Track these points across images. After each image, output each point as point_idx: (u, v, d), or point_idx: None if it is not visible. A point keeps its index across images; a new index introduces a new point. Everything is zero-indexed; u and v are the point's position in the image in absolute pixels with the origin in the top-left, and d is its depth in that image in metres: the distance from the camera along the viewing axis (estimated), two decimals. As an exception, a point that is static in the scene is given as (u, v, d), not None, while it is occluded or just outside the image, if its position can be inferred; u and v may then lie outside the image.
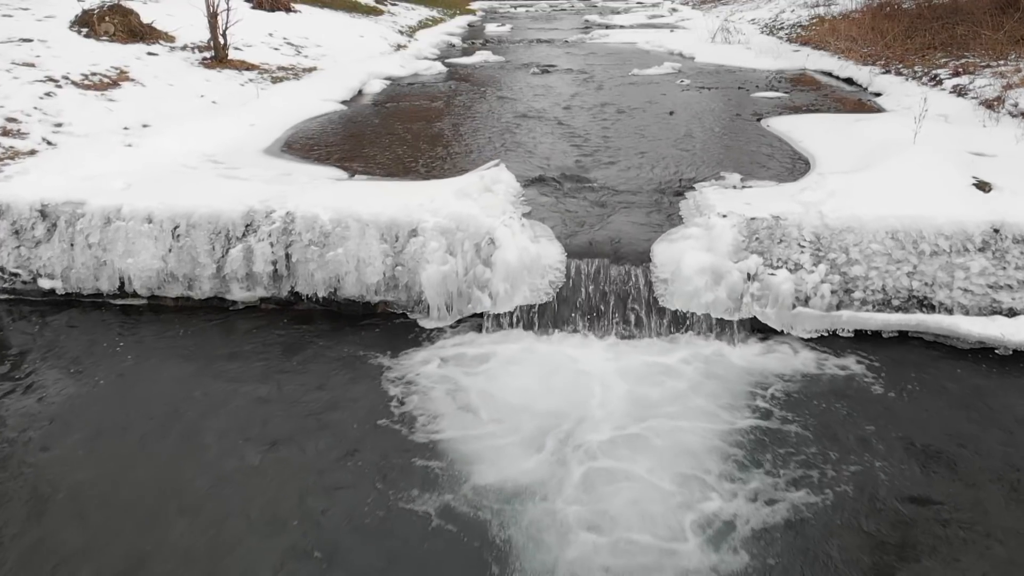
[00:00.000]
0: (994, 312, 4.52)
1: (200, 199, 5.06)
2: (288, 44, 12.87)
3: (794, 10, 18.28)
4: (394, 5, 22.14)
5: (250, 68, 10.53)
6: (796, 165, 6.46)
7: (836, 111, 8.75)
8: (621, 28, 20.95)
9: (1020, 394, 3.96)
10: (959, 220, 4.63)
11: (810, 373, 4.16)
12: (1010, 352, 4.32)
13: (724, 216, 4.79)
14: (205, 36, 10.61)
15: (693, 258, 4.56)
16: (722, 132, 7.90)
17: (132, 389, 4.09)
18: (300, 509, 3.19)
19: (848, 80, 10.96)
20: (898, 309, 4.56)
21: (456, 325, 4.68)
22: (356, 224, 4.80)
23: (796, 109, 8.94)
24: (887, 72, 10.42)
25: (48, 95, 7.50)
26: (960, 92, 8.66)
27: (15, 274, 5.11)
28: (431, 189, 5.25)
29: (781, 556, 2.91)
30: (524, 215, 5.28)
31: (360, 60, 12.79)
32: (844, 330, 4.54)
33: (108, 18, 10.13)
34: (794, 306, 4.51)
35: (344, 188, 5.55)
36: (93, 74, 8.44)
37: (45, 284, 5.09)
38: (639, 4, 32.54)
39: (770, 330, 4.54)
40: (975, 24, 10.63)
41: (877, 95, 9.69)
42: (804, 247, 4.61)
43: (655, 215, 5.40)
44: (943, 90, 8.95)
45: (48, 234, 5.08)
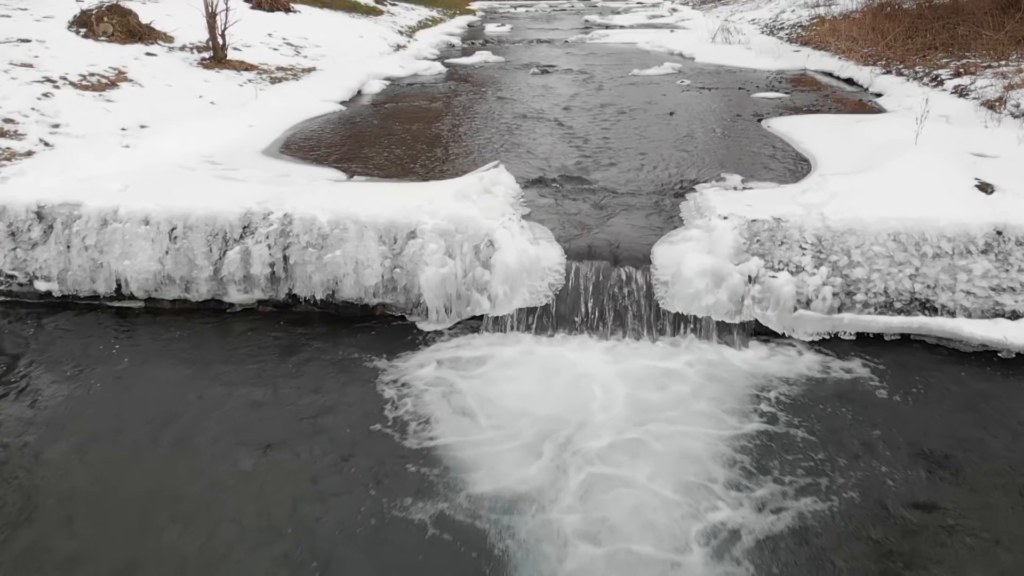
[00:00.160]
0: (997, 315, 4.48)
1: (197, 201, 5.03)
2: (287, 44, 12.85)
3: (794, 10, 18.26)
4: (394, 5, 22.12)
5: (249, 68, 10.50)
6: (797, 166, 6.43)
7: (837, 112, 8.72)
8: (621, 28, 20.92)
9: (1024, 398, 3.94)
10: (962, 222, 4.59)
11: (812, 376, 4.13)
12: (1013, 355, 4.29)
13: (725, 218, 4.75)
14: (204, 36, 10.58)
15: (694, 260, 4.53)
16: (722, 133, 7.86)
17: (127, 392, 4.06)
18: (293, 516, 3.16)
19: (849, 80, 10.94)
20: (900, 312, 4.52)
21: (455, 328, 4.65)
22: (354, 226, 4.77)
23: (797, 110, 8.91)
24: (888, 72, 10.39)
25: (46, 96, 7.47)
26: (961, 93, 8.63)
27: (11, 276, 5.08)
28: (430, 191, 5.21)
29: (788, 567, 2.87)
30: (524, 217, 5.24)
31: (359, 60, 12.76)
32: (846, 333, 4.50)
33: (106, 18, 10.10)
34: (795, 309, 4.48)
35: (342, 189, 5.52)
36: (91, 75, 8.41)
37: (41, 286, 5.06)
38: (639, 4, 32.52)
39: (771, 333, 4.50)
40: (976, 24, 10.60)
41: (878, 96, 9.66)
42: (805, 249, 4.58)
43: (655, 217, 5.36)
44: (944, 91, 8.92)
45: (44, 236, 5.04)
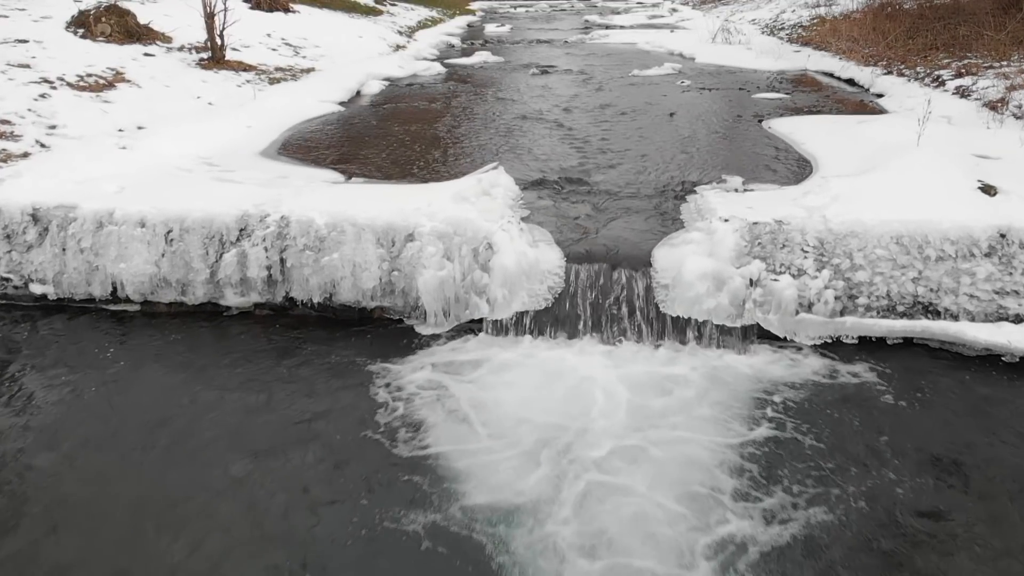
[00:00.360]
0: (1000, 318, 4.44)
1: (194, 203, 4.98)
2: (286, 45, 12.80)
3: (795, 10, 18.21)
4: (393, 5, 22.08)
5: (247, 69, 10.45)
6: (798, 168, 6.38)
7: (838, 112, 8.68)
8: (621, 28, 20.88)
9: (1029, 403, 3.89)
10: (965, 225, 4.55)
11: (816, 381, 4.08)
12: (1017, 359, 4.24)
13: (726, 220, 4.71)
14: (202, 37, 10.54)
15: (694, 263, 4.49)
16: (723, 134, 7.82)
17: (121, 397, 4.01)
18: (285, 526, 3.10)
19: (850, 81, 10.89)
20: (903, 315, 4.48)
21: (453, 331, 4.61)
22: (352, 228, 4.72)
23: (798, 110, 8.87)
24: (889, 73, 10.35)
25: (43, 97, 7.43)
26: (963, 93, 8.59)
27: (6, 279, 5.03)
28: (428, 193, 5.17)
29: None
30: (523, 219, 5.20)
31: (358, 61, 12.72)
32: (848, 336, 4.46)
33: (104, 19, 10.06)
34: (797, 312, 4.44)
35: (340, 191, 5.47)
36: (88, 75, 8.37)
37: (36, 289, 5.02)
38: (639, 4, 32.47)
39: (773, 337, 4.46)
40: (977, 25, 10.55)
41: (879, 96, 9.62)
42: (807, 252, 4.54)
43: (656, 219, 5.32)
44: (946, 91, 8.88)
45: (40, 238, 5.00)
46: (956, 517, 3.12)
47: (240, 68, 10.35)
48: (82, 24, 9.95)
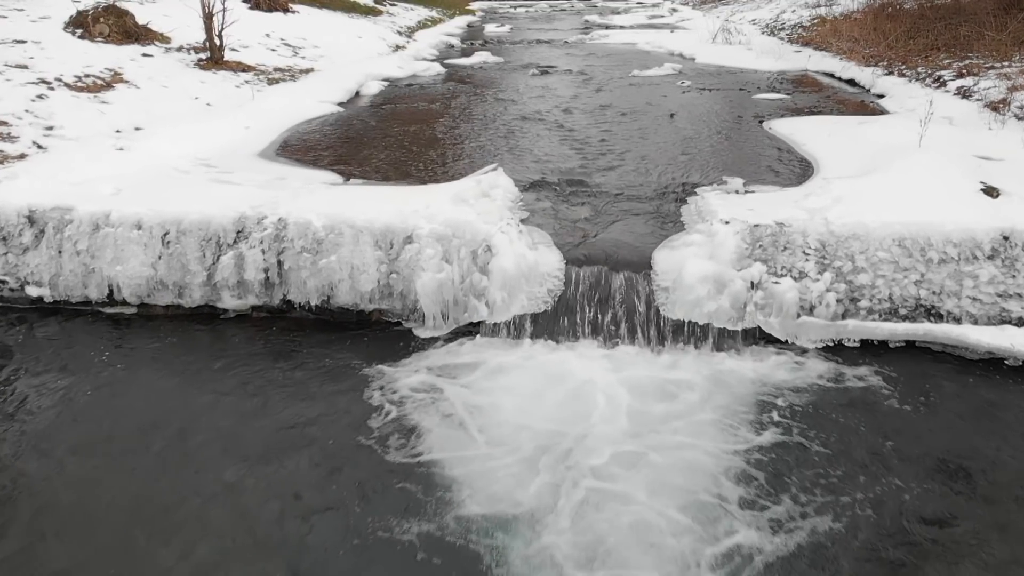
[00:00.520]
0: (1003, 322, 4.41)
1: (191, 205, 4.95)
2: (285, 45, 12.77)
3: (795, 10, 18.18)
4: (393, 5, 22.04)
5: (246, 69, 10.42)
6: (799, 169, 6.35)
7: (839, 113, 8.64)
8: (621, 29, 20.84)
9: (1033, 407, 3.85)
10: (967, 227, 4.51)
11: (818, 385, 4.04)
12: (1020, 363, 4.21)
13: (727, 223, 4.67)
14: (201, 37, 10.51)
15: (695, 266, 4.45)
16: (724, 135, 7.79)
17: (116, 401, 3.98)
18: (278, 533, 3.07)
19: (850, 81, 10.85)
20: (905, 318, 4.44)
21: (452, 334, 4.57)
22: (350, 231, 4.69)
23: (798, 111, 8.83)
24: (890, 73, 10.31)
25: (40, 97, 7.39)
26: (964, 94, 8.56)
27: (2, 281, 5.00)
28: (427, 194, 5.14)
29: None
30: (522, 221, 5.17)
31: (358, 61, 12.68)
32: (850, 340, 4.43)
33: (103, 19, 10.02)
34: (799, 315, 4.40)
35: (338, 193, 5.43)
36: (86, 76, 8.33)
37: (33, 292, 4.98)
38: (639, 4, 32.44)
39: (774, 340, 4.42)
40: (978, 25, 10.52)
41: (880, 97, 9.58)
42: (809, 255, 4.50)
43: (656, 221, 5.29)
44: (947, 92, 8.84)
45: (36, 241, 4.97)
46: (963, 524, 3.08)
47: (239, 68, 10.32)
48: (80, 24, 9.92)
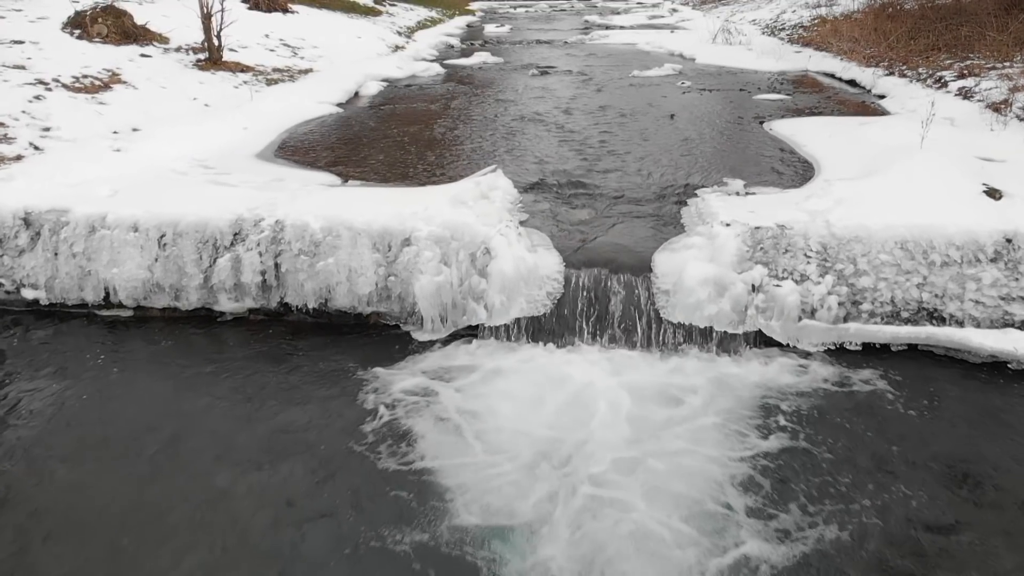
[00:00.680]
0: (1006, 325, 4.37)
1: (187, 206, 4.91)
2: (284, 45, 12.73)
3: (795, 11, 18.14)
4: (392, 6, 22.00)
5: (245, 70, 10.38)
6: (800, 170, 6.31)
7: (840, 114, 8.60)
8: (621, 29, 20.81)
9: (1037, 412, 3.81)
10: (970, 229, 4.48)
11: (820, 389, 4.00)
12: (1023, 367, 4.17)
13: (727, 225, 4.64)
14: (200, 37, 10.47)
15: (696, 269, 4.41)
16: (724, 136, 7.75)
17: (111, 405, 3.94)
18: (270, 541, 3.02)
19: (851, 82, 10.81)
20: (907, 321, 4.41)
21: (450, 338, 4.53)
22: (347, 233, 4.65)
23: (799, 112, 8.80)
24: (891, 74, 10.28)
25: (37, 98, 7.36)
26: (966, 95, 8.52)
27: (-2, 284, 4.97)
28: (425, 196, 5.10)
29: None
30: (521, 223, 5.13)
31: (357, 62, 12.64)
32: (852, 343, 4.39)
33: (101, 19, 9.98)
34: (800, 318, 4.36)
35: (336, 195, 5.39)
36: (84, 76, 8.30)
37: (28, 294, 4.95)
38: (639, 4, 32.40)
39: (775, 343, 4.38)
40: (979, 25, 10.48)
41: (881, 97, 9.55)
42: (810, 257, 4.47)
43: (656, 223, 5.25)
44: (948, 92, 8.80)
45: (32, 243, 4.93)
46: (970, 531, 3.04)
47: (237, 69, 10.28)
48: (78, 25, 9.88)
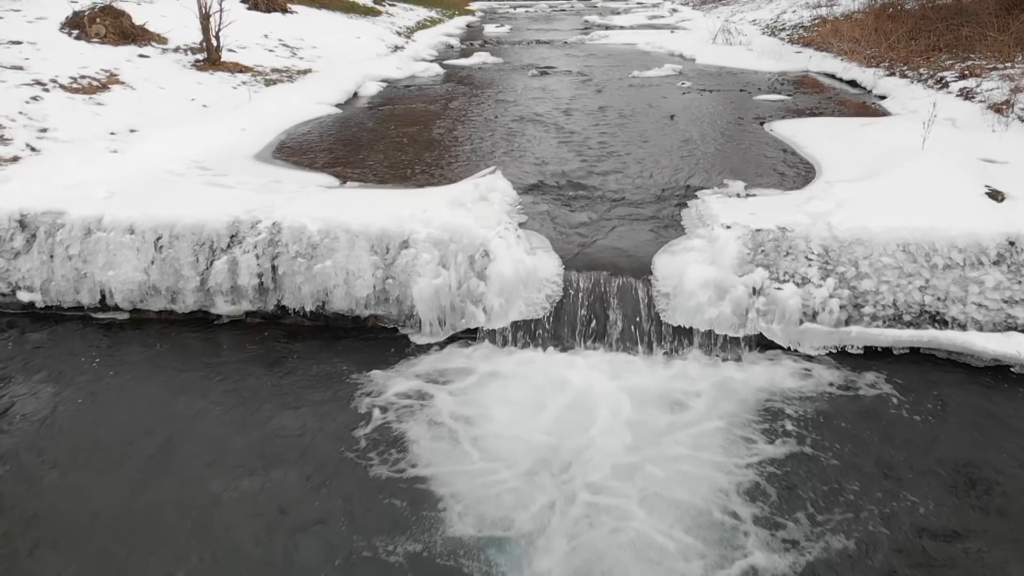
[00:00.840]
0: (1010, 328, 4.33)
1: (184, 209, 4.88)
2: (283, 46, 12.70)
3: (796, 11, 18.10)
4: (392, 6, 21.96)
5: (243, 70, 10.34)
6: (801, 172, 6.27)
7: (840, 115, 8.57)
8: (621, 29, 20.77)
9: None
10: (973, 232, 4.44)
11: (823, 393, 3.96)
12: (1027, 371, 4.14)
13: (728, 227, 4.60)
14: (198, 38, 10.43)
15: (696, 272, 4.38)
16: (724, 137, 7.71)
17: (105, 409, 3.91)
18: (261, 550, 2.98)
19: (852, 83, 10.78)
20: (909, 325, 4.37)
21: (449, 341, 4.49)
22: (345, 235, 4.62)
23: (800, 112, 8.76)
24: (891, 74, 10.24)
25: (34, 99, 7.32)
26: (967, 95, 8.48)
27: (-7, 286, 4.93)
28: (424, 198, 5.07)
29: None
30: (520, 225, 5.10)
31: (356, 62, 12.60)
32: (853, 347, 4.35)
33: (99, 20, 9.95)
34: (801, 322, 4.33)
35: (334, 197, 5.36)
36: (82, 77, 8.26)
37: (24, 297, 4.91)
38: (639, 4, 32.36)
39: (776, 347, 4.35)
40: (980, 25, 10.44)
41: (882, 98, 9.51)
42: (812, 260, 4.43)
43: (656, 225, 5.21)
44: (950, 93, 8.77)
45: (27, 245, 4.89)
46: (978, 539, 2.99)
47: (236, 69, 10.24)
48: (77, 25, 9.84)
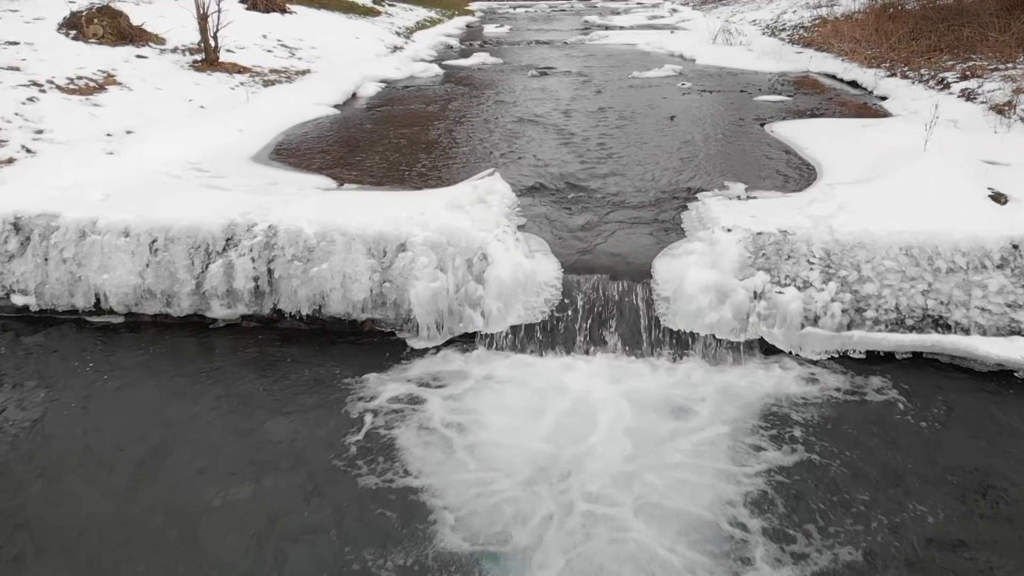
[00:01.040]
0: (1013, 332, 4.28)
1: (180, 211, 4.84)
2: (282, 46, 12.65)
3: (796, 11, 18.05)
4: (391, 6, 21.92)
5: (241, 71, 10.30)
6: (802, 173, 6.23)
7: (841, 116, 8.52)
8: (621, 29, 20.72)
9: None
10: (976, 235, 4.40)
11: (826, 399, 3.91)
12: (1030, 375, 4.09)
13: (729, 230, 4.55)
14: (197, 38, 10.38)
15: (696, 275, 4.33)
16: (725, 138, 7.67)
17: (99, 414, 3.86)
18: (252, 560, 2.93)
19: (853, 83, 10.72)
20: (912, 329, 4.32)
21: (446, 345, 4.45)
22: (342, 238, 4.57)
23: (800, 113, 8.71)
24: (892, 75, 10.19)
25: (31, 100, 7.27)
26: (969, 96, 8.43)
27: (-13, 289, 4.89)
28: (422, 200, 5.02)
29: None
30: (519, 228, 5.05)
31: (355, 62, 12.55)
32: (855, 351, 4.30)
33: (97, 20, 9.91)
34: (803, 326, 4.28)
35: (331, 199, 5.31)
36: (79, 78, 8.21)
37: (18, 300, 4.87)
38: (639, 5, 32.30)
39: (778, 351, 4.30)
40: (981, 26, 10.40)
41: (883, 99, 9.46)
42: (813, 264, 4.38)
43: (656, 228, 5.17)
44: (951, 94, 8.72)
45: (22, 248, 4.85)
46: (986, 550, 2.94)
47: (234, 70, 10.20)
48: (74, 25, 9.80)
